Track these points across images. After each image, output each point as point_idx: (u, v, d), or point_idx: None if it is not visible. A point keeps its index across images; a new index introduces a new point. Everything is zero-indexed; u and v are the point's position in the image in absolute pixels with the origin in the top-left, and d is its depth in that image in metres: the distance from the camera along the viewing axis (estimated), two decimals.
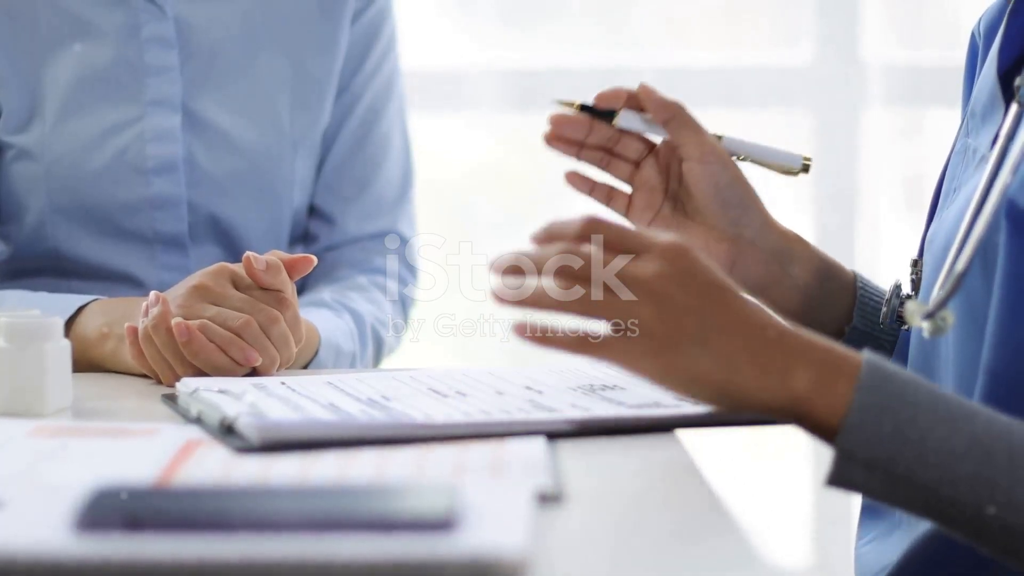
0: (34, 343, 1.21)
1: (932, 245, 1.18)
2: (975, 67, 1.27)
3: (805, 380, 0.99)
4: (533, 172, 2.70)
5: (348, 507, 0.81)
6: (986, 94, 1.19)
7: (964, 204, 1.12)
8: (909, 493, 0.97)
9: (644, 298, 0.99)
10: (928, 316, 1.05)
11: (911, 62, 2.63)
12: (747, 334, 1.00)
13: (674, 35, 2.67)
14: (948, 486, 0.96)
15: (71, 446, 1.05)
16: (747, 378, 0.99)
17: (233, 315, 1.35)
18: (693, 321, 0.99)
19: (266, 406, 1.14)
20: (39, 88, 1.68)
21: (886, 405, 0.97)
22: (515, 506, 0.84)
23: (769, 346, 1.00)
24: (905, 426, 0.96)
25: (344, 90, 1.78)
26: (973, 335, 1.09)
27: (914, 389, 0.98)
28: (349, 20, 1.77)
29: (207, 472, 0.99)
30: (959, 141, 1.23)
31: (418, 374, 1.31)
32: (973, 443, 0.96)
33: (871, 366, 0.99)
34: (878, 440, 0.96)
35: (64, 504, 0.82)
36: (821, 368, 0.99)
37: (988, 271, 1.07)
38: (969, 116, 1.22)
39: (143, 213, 1.69)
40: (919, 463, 0.96)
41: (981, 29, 1.26)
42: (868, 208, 2.64)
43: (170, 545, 0.78)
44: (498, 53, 2.61)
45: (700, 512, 0.93)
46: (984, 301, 1.07)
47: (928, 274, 1.19)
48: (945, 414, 0.97)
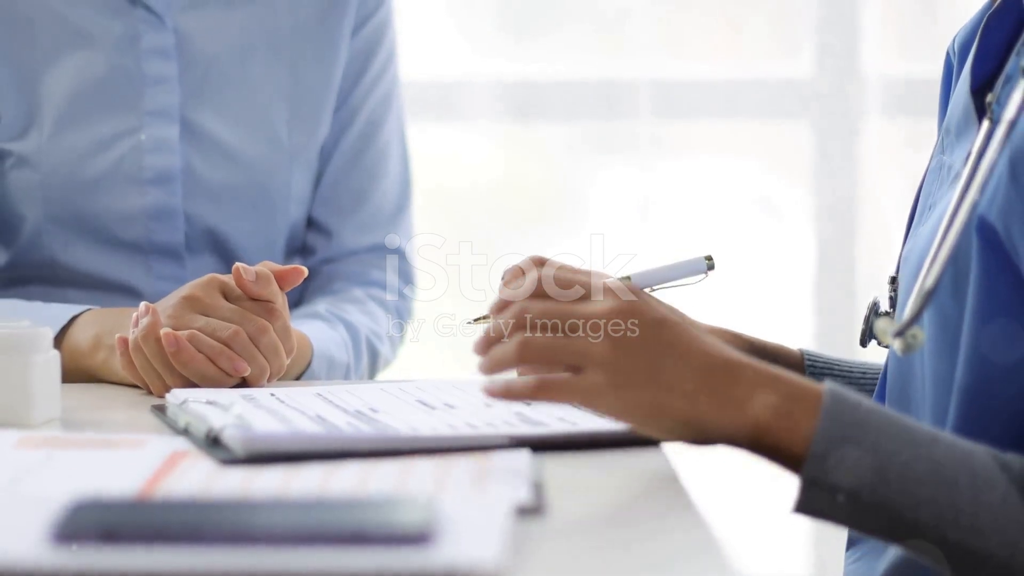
0: (22, 354, 1.21)
1: (907, 263, 1.19)
2: (950, 85, 1.27)
3: (766, 409, 1.00)
4: (533, 183, 2.70)
5: (326, 520, 0.81)
6: (960, 111, 1.20)
7: (937, 221, 1.12)
8: (874, 519, 0.98)
9: (599, 334, 1.01)
10: (898, 334, 1.05)
11: (910, 74, 2.63)
12: (703, 365, 1.01)
13: (673, 46, 2.67)
14: (911, 511, 0.97)
15: (56, 457, 1.05)
16: (707, 409, 1.01)
17: (222, 325, 1.36)
18: (648, 356, 1.01)
19: (253, 418, 1.14)
20: (37, 97, 1.68)
21: (849, 433, 0.98)
22: (492, 519, 0.84)
23: (727, 376, 1.01)
24: (868, 453, 0.97)
25: (343, 103, 1.78)
26: (946, 352, 1.09)
27: (876, 417, 0.99)
28: (349, 33, 1.77)
29: (190, 484, 0.99)
30: (934, 158, 1.24)
31: (407, 386, 1.31)
32: (935, 468, 0.97)
33: (833, 395, 1.00)
34: (842, 467, 0.97)
35: (43, 516, 0.82)
36: (782, 397, 1.00)
37: (960, 288, 1.07)
38: (944, 133, 1.23)
39: (139, 223, 1.70)
40: (883, 488, 0.97)
41: (955, 47, 1.27)
42: (867, 220, 2.64)
43: (147, 558, 0.78)
44: (498, 64, 2.61)
45: (679, 527, 0.93)
46: (956, 318, 1.08)
47: (903, 292, 1.19)
48: (907, 440, 0.98)
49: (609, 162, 2.64)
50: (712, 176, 2.66)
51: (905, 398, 1.17)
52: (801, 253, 2.63)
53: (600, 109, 2.59)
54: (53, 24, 1.68)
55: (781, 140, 2.68)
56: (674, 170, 2.65)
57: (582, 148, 2.66)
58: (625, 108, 2.59)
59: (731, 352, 1.03)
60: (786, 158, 2.68)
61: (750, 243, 2.64)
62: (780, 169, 2.70)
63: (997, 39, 1.19)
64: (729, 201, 2.65)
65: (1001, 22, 1.19)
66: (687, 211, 2.63)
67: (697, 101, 2.61)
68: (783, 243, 2.66)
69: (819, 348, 2.09)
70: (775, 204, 2.66)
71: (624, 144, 2.61)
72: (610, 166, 2.63)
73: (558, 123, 2.61)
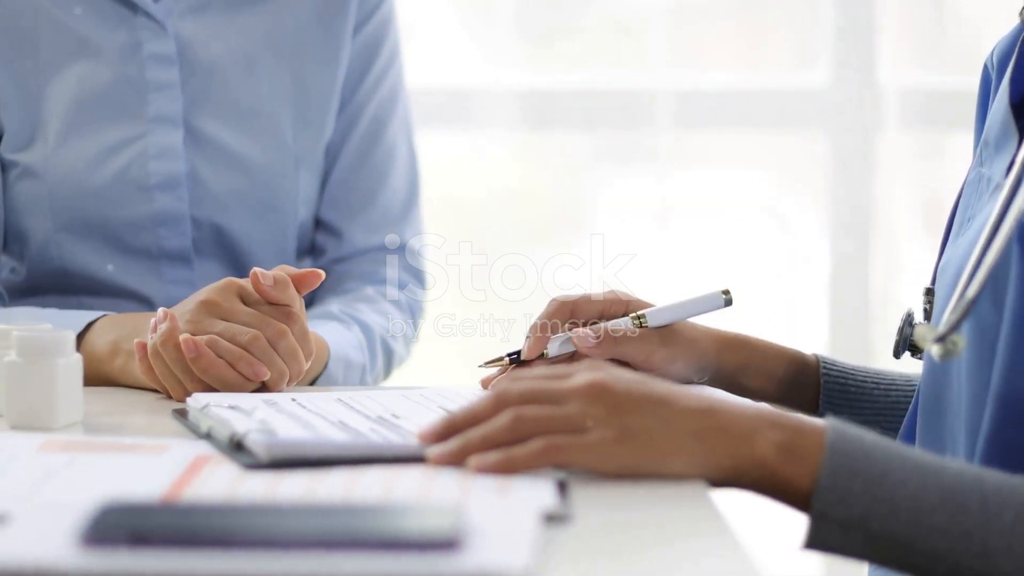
0: (46, 357, 1.21)
1: (945, 273, 1.19)
2: (988, 98, 1.27)
3: (771, 445, 1.00)
4: (548, 192, 2.70)
5: (355, 526, 0.81)
6: (999, 124, 1.20)
7: (978, 232, 1.12)
8: (886, 549, 0.98)
9: (589, 400, 1.02)
10: (939, 339, 1.05)
11: (928, 85, 2.63)
12: (707, 408, 1.02)
13: (690, 56, 2.67)
14: (923, 540, 0.97)
15: (79, 461, 1.05)
16: (715, 448, 1.01)
17: (241, 330, 1.35)
18: (647, 407, 1.02)
19: (276, 423, 1.14)
20: (41, 107, 1.68)
21: (856, 465, 0.98)
22: (521, 526, 0.84)
23: (731, 417, 1.02)
24: (876, 484, 0.98)
25: (347, 103, 1.78)
26: (984, 361, 1.09)
27: (882, 448, 0.99)
28: (350, 33, 1.77)
29: (214, 488, 0.99)
30: (973, 171, 1.24)
31: (428, 392, 1.31)
32: (945, 495, 0.97)
33: (836, 429, 1.00)
34: (851, 499, 0.98)
35: (70, 519, 0.82)
36: (786, 433, 1.01)
37: (998, 297, 1.07)
38: (983, 146, 1.23)
39: (147, 230, 1.70)
40: (893, 518, 0.97)
41: (994, 60, 1.27)
42: (884, 232, 2.64)
43: (175, 561, 0.78)
44: (514, 73, 2.61)
45: (706, 535, 0.93)
46: (994, 327, 1.08)
47: (940, 302, 1.19)
48: (914, 469, 0.98)
49: (625, 172, 2.64)
50: (727, 186, 2.66)
51: (940, 408, 1.17)
52: (816, 263, 2.63)
53: (616, 118, 2.59)
54: (55, 34, 1.69)
55: (797, 150, 2.68)
56: (690, 179, 2.65)
57: (598, 157, 2.66)
58: (641, 117, 2.59)
59: (730, 396, 1.04)
60: (802, 168, 2.68)
61: (765, 252, 2.64)
62: (796, 179, 2.70)
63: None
64: (744, 210, 2.65)
65: None
66: (703, 220, 2.63)
67: (713, 111, 2.61)
68: (798, 252, 2.66)
69: (833, 353, 2.09)
70: (791, 214, 2.66)
71: (640, 153, 2.61)
72: (626, 176, 2.63)
73: (575, 132, 2.61)
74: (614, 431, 1.01)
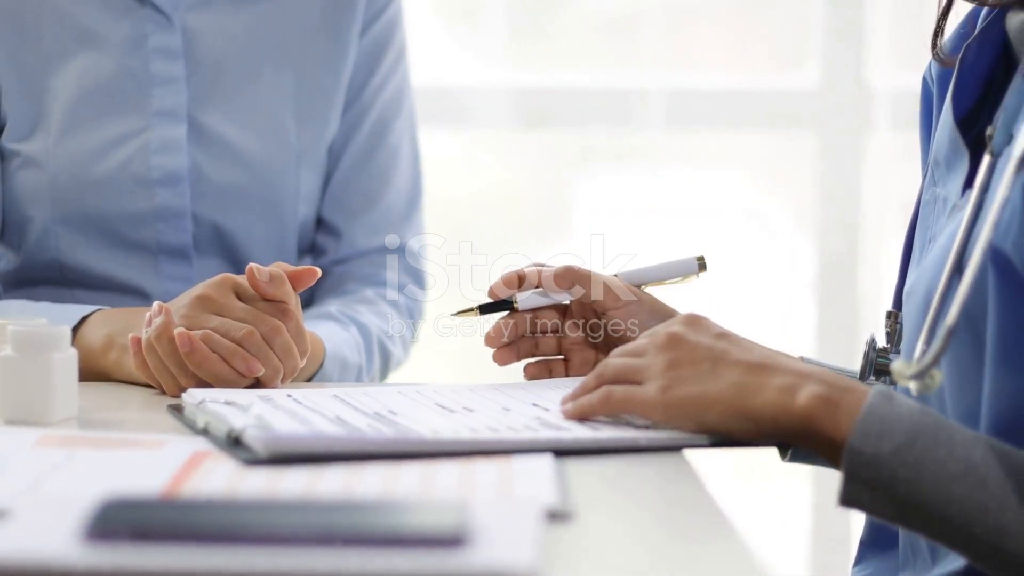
0: (42, 352, 1.20)
1: (912, 297, 1.17)
2: (931, 113, 1.26)
3: (814, 397, 1.05)
4: (540, 191, 2.70)
5: (359, 522, 0.81)
6: (947, 142, 1.19)
7: (942, 254, 1.11)
8: (910, 513, 1.00)
9: (657, 351, 1.12)
10: (918, 376, 1.04)
11: (917, 87, 2.63)
12: (756, 360, 1.09)
13: (681, 56, 2.67)
14: (941, 507, 0.99)
15: (78, 456, 1.05)
16: (754, 401, 1.07)
17: (236, 325, 1.35)
18: (701, 360, 1.10)
19: (273, 419, 1.14)
20: (44, 98, 1.68)
21: (886, 429, 1.01)
22: (524, 523, 0.84)
23: (778, 368, 1.08)
24: (903, 449, 1.00)
25: (352, 103, 1.78)
26: (967, 388, 1.09)
27: (920, 415, 1.02)
28: (357, 33, 1.76)
29: (214, 484, 0.99)
30: (927, 192, 1.23)
31: (425, 389, 1.31)
32: (969, 468, 1.00)
33: (880, 393, 1.03)
34: (879, 462, 1.01)
35: (71, 514, 0.82)
36: (831, 388, 1.05)
37: (971, 321, 1.07)
38: (933, 165, 1.22)
39: (147, 224, 1.69)
40: (916, 484, 1.00)
41: (933, 74, 1.26)
42: (873, 233, 2.64)
43: (180, 557, 0.78)
44: (506, 72, 2.61)
45: (708, 531, 0.93)
46: (971, 351, 1.07)
47: (910, 327, 1.18)
48: (945, 440, 1.01)
49: (616, 170, 2.64)
50: (717, 185, 2.67)
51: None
52: (804, 263, 2.63)
53: (607, 117, 2.60)
54: (60, 24, 1.68)
55: (787, 150, 2.68)
56: (680, 178, 2.65)
57: (590, 156, 2.66)
58: (633, 117, 2.59)
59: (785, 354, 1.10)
60: (791, 168, 2.68)
61: (752, 252, 2.64)
62: (785, 179, 2.70)
63: (977, 69, 1.19)
64: (733, 210, 2.65)
65: (980, 52, 1.18)
66: (693, 219, 2.63)
67: (703, 110, 2.61)
68: (786, 253, 2.66)
69: (821, 356, 2.09)
70: (779, 214, 2.66)
71: (631, 152, 2.61)
72: (617, 174, 2.63)
73: (567, 131, 2.61)
74: (664, 381, 1.10)
